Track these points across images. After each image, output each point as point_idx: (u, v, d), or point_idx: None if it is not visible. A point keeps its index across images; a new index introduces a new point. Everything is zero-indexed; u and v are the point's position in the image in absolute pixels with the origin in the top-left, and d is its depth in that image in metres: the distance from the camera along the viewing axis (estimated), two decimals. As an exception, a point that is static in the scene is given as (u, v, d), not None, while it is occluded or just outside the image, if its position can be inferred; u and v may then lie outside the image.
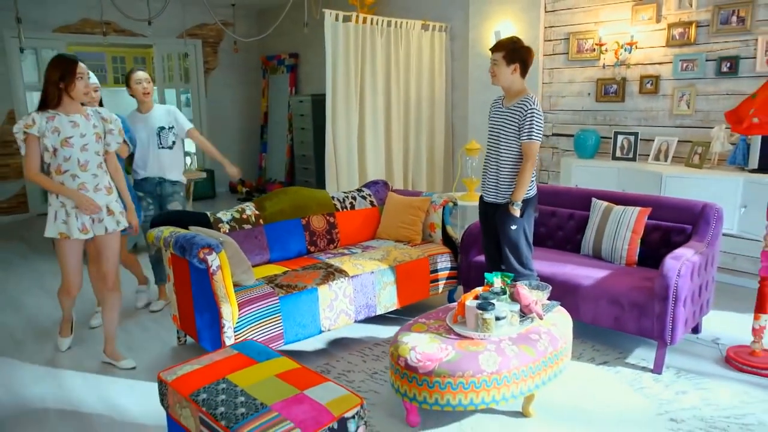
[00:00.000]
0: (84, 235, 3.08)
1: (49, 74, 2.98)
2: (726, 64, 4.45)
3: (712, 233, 3.48)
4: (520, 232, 3.29)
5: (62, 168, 3.01)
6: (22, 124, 2.94)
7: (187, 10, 8.38)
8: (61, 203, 3.03)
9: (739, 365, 3.20)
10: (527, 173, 3.22)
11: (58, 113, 3.00)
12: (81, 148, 3.03)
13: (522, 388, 2.58)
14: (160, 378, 2.29)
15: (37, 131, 2.94)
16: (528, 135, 3.19)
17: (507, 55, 3.20)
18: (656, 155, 4.84)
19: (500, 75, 3.24)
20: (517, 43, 3.23)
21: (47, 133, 2.96)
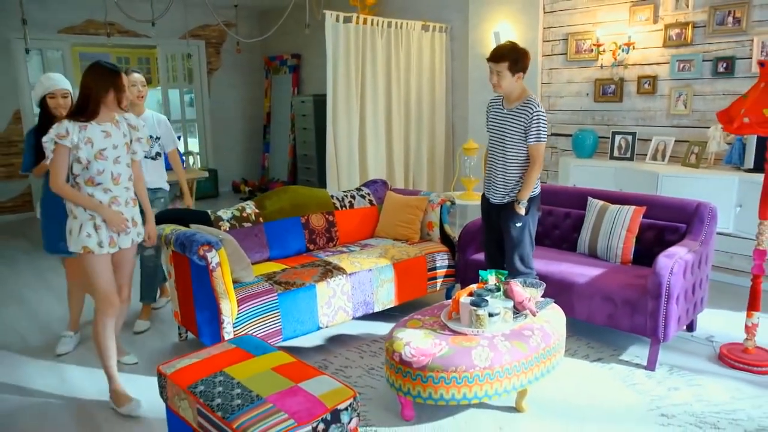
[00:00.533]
0: (112, 248, 2.84)
1: (98, 87, 2.76)
2: (722, 65, 4.48)
3: (706, 232, 3.52)
4: (524, 231, 3.33)
5: (95, 180, 2.79)
6: (54, 134, 2.70)
7: (189, 11, 8.45)
8: (90, 215, 2.80)
9: (731, 362, 3.24)
10: (535, 174, 3.26)
11: (90, 122, 2.79)
12: (114, 160, 2.82)
13: (515, 383, 2.62)
14: (159, 371, 2.35)
15: (69, 142, 2.71)
16: (536, 138, 3.21)
17: (511, 65, 3.17)
18: (654, 155, 4.88)
19: (505, 85, 3.22)
20: (519, 51, 3.20)
21: (81, 144, 2.73)
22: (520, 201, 3.27)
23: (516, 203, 3.28)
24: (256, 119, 9.81)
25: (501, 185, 3.36)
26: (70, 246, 2.84)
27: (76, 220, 2.81)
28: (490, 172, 3.43)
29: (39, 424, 2.80)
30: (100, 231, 2.80)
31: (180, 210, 3.77)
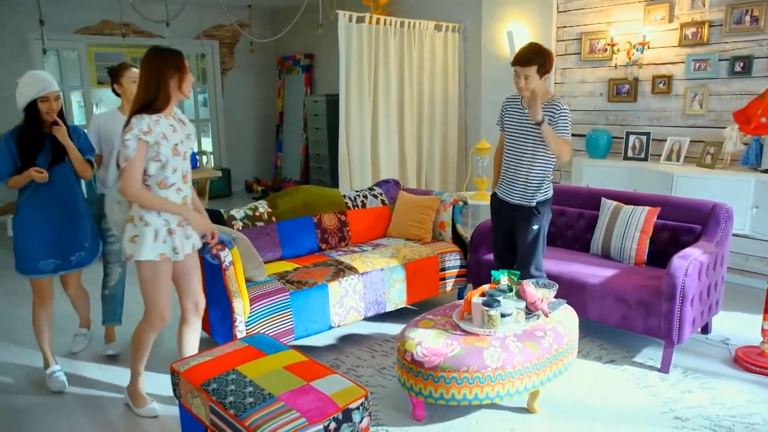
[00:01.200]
0: (176, 256, 2.63)
1: (163, 70, 2.51)
2: (739, 64, 4.43)
3: (722, 233, 3.48)
4: (539, 234, 3.28)
5: (168, 181, 2.56)
6: (137, 130, 2.44)
7: (203, 12, 8.51)
8: (164, 221, 2.57)
9: (747, 365, 3.20)
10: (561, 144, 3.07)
11: (161, 116, 2.55)
12: (183, 157, 2.63)
13: (526, 384, 2.61)
14: (172, 369, 2.37)
15: (152, 139, 2.47)
16: (564, 132, 3.12)
17: (540, 68, 3.09)
18: (668, 155, 4.83)
19: (533, 88, 3.09)
20: (545, 53, 3.11)
21: (160, 140, 2.50)
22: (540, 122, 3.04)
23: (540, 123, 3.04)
24: (269, 119, 9.86)
25: (522, 186, 3.26)
26: (140, 255, 2.54)
27: (149, 226, 2.54)
28: (509, 172, 3.33)
29: (54, 421, 2.84)
30: (174, 236, 2.60)
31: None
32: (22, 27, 7.27)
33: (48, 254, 3.07)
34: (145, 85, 2.52)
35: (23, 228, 3.04)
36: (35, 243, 3.04)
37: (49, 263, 3.09)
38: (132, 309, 3.78)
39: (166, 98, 2.53)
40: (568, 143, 3.14)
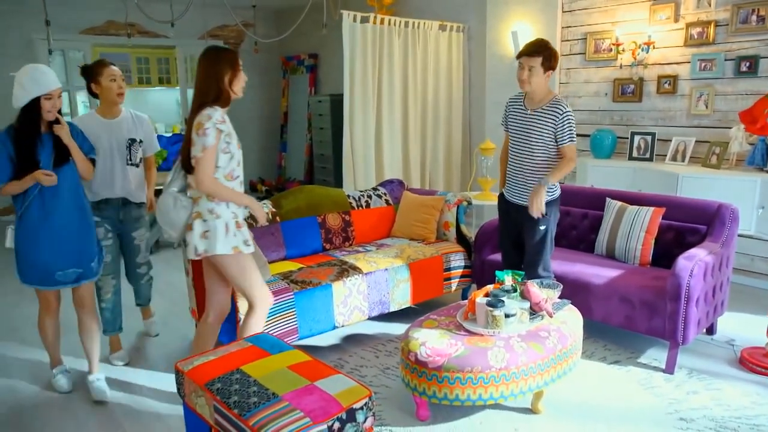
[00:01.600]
0: (248, 248, 2.68)
1: (219, 68, 2.57)
2: (745, 64, 4.41)
3: (728, 234, 3.47)
4: (547, 234, 3.27)
5: (234, 174, 2.63)
6: (214, 119, 2.50)
7: (208, 12, 8.53)
8: (233, 213, 2.63)
9: (752, 366, 3.18)
10: (569, 167, 3.12)
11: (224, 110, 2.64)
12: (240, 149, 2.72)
13: (530, 385, 2.61)
14: (177, 368, 2.37)
15: (227, 128, 2.55)
16: (569, 139, 3.12)
17: (545, 62, 3.08)
18: (673, 155, 4.82)
19: (535, 81, 3.10)
20: (551, 48, 3.11)
21: (231, 132, 2.59)
22: (545, 183, 3.10)
23: (541, 185, 3.10)
24: (273, 119, 9.87)
25: (528, 187, 3.24)
26: (214, 249, 2.57)
27: (220, 219, 2.58)
28: (515, 173, 3.31)
29: (60, 420, 2.85)
30: (242, 229, 2.66)
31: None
32: (28, 27, 7.31)
33: (67, 263, 2.86)
34: (204, 82, 2.57)
35: (32, 237, 2.79)
36: (49, 252, 2.81)
37: (69, 273, 2.87)
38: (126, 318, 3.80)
39: (226, 95, 2.61)
40: (571, 155, 3.13)
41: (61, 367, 3.17)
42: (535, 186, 3.15)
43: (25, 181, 2.72)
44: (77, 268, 2.90)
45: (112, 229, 3.38)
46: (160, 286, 4.77)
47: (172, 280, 4.89)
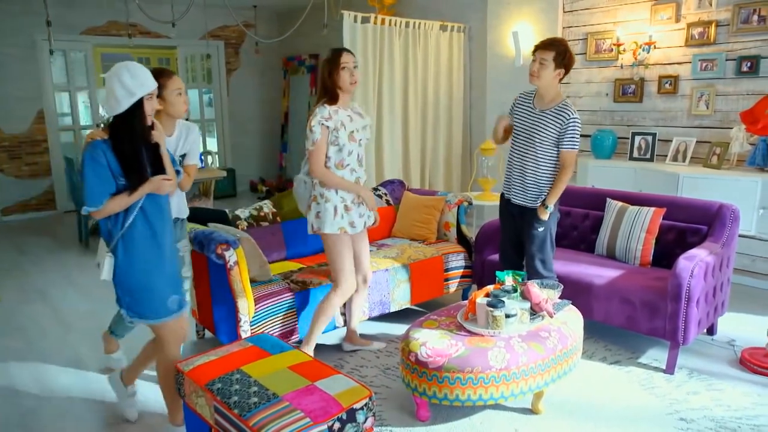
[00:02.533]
0: (354, 229, 3.07)
1: (322, 70, 2.98)
2: (746, 64, 4.40)
3: (728, 234, 3.46)
4: (547, 234, 3.26)
5: (344, 162, 2.99)
6: (320, 116, 2.90)
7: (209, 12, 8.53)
8: (341, 198, 3.01)
9: (753, 367, 3.18)
10: (565, 181, 3.15)
11: (339, 108, 2.99)
12: (359, 143, 3.05)
13: (531, 385, 2.61)
14: (177, 368, 2.38)
15: (332, 125, 2.92)
16: (570, 144, 3.11)
17: (557, 57, 3.06)
18: (674, 156, 4.81)
19: (544, 76, 3.09)
20: (567, 48, 3.10)
21: (339, 126, 2.94)
22: (547, 206, 3.17)
23: (542, 207, 3.18)
24: (274, 119, 9.87)
25: (532, 187, 3.23)
26: (323, 228, 2.99)
27: (329, 202, 2.99)
28: (516, 172, 3.29)
29: (60, 423, 2.85)
30: (350, 212, 3.03)
31: (198, 209, 3.81)
32: (31, 28, 7.31)
33: (171, 290, 2.48)
34: (320, 82, 3.01)
35: (143, 263, 2.39)
36: (158, 278, 2.44)
37: (175, 300, 2.49)
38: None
39: (333, 92, 2.96)
40: (569, 163, 3.14)
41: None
42: (539, 208, 3.19)
43: (139, 192, 2.32)
44: (178, 295, 2.52)
45: None
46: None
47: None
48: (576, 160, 3.17)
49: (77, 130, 8.17)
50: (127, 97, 2.27)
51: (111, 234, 2.36)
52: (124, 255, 2.36)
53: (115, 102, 2.27)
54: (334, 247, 3.07)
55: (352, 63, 2.96)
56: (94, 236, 6.28)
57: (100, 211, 2.29)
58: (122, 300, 2.42)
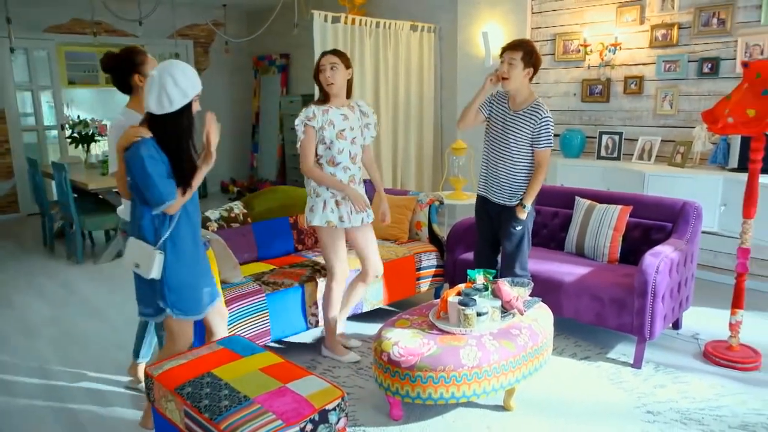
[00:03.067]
0: (342, 224, 3.14)
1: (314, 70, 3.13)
2: (707, 65, 4.53)
3: (692, 231, 3.55)
4: (523, 233, 3.30)
5: (335, 160, 3.09)
6: (303, 116, 3.04)
7: (177, 11, 8.40)
8: (331, 194, 3.12)
9: (716, 359, 3.27)
10: (541, 179, 3.20)
11: (331, 107, 3.11)
12: (351, 141, 3.13)
13: (502, 382, 2.63)
14: (146, 372, 2.33)
15: (316, 124, 3.03)
16: (545, 143, 3.16)
17: (525, 56, 3.11)
18: (640, 154, 4.92)
19: (514, 77, 3.12)
20: (534, 47, 3.16)
21: (325, 125, 3.05)
22: (525, 205, 3.21)
23: (520, 206, 3.22)
24: (245, 119, 9.78)
25: (508, 186, 3.26)
26: (312, 221, 3.11)
27: (320, 197, 3.13)
28: (492, 172, 3.32)
29: (24, 426, 2.78)
30: (340, 207, 3.13)
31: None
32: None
33: (204, 282, 2.54)
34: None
35: (188, 259, 2.43)
36: (199, 273, 2.51)
37: (206, 293, 2.53)
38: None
39: (322, 92, 3.13)
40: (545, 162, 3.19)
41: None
42: (517, 208, 3.23)
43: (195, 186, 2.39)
44: (210, 287, 2.58)
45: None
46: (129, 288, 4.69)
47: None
48: (550, 159, 3.21)
49: (41, 130, 7.97)
50: (180, 97, 2.31)
51: (158, 233, 2.36)
52: (172, 253, 2.37)
53: (168, 102, 2.30)
54: (322, 239, 3.20)
55: (328, 65, 3.07)
56: (59, 240, 6.13)
57: (175, 205, 2.33)
58: (167, 298, 2.39)
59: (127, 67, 2.76)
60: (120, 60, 2.76)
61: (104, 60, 2.78)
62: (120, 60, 2.76)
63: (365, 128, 3.26)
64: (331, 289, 3.29)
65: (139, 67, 2.76)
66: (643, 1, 4.85)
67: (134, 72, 2.76)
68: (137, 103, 2.75)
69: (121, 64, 2.76)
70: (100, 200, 5.84)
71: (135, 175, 2.30)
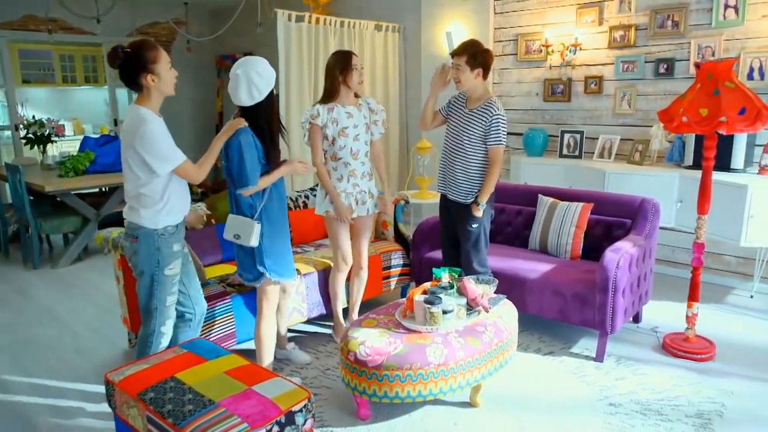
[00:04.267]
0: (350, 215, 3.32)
1: (330, 67, 3.23)
2: (663, 66, 4.66)
3: (650, 227, 3.66)
4: (480, 231, 3.34)
5: (337, 155, 3.27)
6: (308, 115, 3.22)
7: (137, 9, 8.22)
8: (333, 186, 3.29)
9: (674, 351, 3.38)
10: (494, 177, 3.24)
11: (337, 105, 3.25)
12: (354, 138, 3.27)
13: (468, 379, 2.66)
14: (107, 379, 2.28)
15: (321, 122, 3.19)
16: (495, 141, 3.20)
17: (470, 60, 3.18)
18: (601, 153, 5.03)
19: (464, 80, 3.21)
20: (477, 46, 3.22)
21: (329, 123, 3.21)
22: (479, 203, 3.25)
23: (474, 204, 3.26)
24: (208, 119, 9.62)
25: (464, 184, 3.31)
26: (317, 210, 3.38)
27: (321, 189, 3.35)
28: (448, 169, 3.37)
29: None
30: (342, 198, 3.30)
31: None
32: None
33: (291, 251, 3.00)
34: (328, 80, 3.25)
35: (280, 229, 2.86)
36: (288, 242, 2.96)
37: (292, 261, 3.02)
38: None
39: (333, 90, 3.24)
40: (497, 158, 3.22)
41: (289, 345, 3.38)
42: (472, 206, 3.27)
43: (279, 172, 2.79)
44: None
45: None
46: (90, 293, 4.58)
47: (102, 287, 4.69)
48: (503, 156, 3.26)
49: (-7, 131, 7.68)
50: (267, 87, 2.70)
51: (253, 207, 2.77)
52: (267, 224, 2.78)
53: (257, 92, 2.68)
54: (327, 225, 3.43)
55: (359, 65, 3.28)
56: (14, 244, 5.93)
57: (255, 189, 2.71)
58: (266, 263, 2.79)
59: (136, 66, 2.49)
60: (128, 58, 2.48)
61: (111, 56, 2.49)
62: (128, 58, 2.48)
63: (373, 124, 3.40)
64: (334, 278, 3.50)
65: (150, 66, 2.49)
66: (602, 3, 4.96)
67: (145, 72, 2.49)
68: (148, 100, 2.56)
69: (129, 63, 2.48)
70: (57, 203, 5.67)
71: (231, 158, 2.67)
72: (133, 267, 2.66)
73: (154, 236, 2.55)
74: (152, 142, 2.46)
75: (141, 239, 2.55)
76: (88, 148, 5.81)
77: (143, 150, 2.46)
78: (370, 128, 3.40)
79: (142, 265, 2.58)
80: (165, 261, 2.58)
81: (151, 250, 2.56)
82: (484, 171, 3.28)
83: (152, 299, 2.60)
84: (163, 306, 2.63)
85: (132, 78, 2.51)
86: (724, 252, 4.51)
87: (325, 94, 3.29)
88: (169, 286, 2.62)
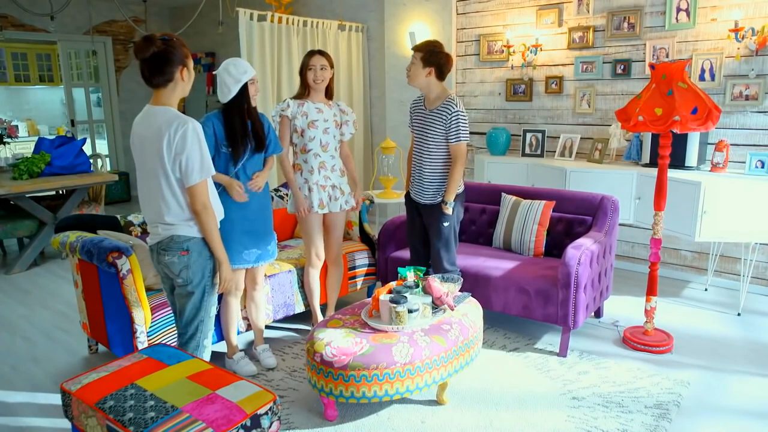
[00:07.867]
0: (321, 209, 3.40)
1: (301, 66, 3.40)
2: (620, 67, 4.78)
3: (610, 223, 3.74)
4: (450, 229, 3.36)
5: (307, 147, 3.38)
6: (278, 108, 3.37)
7: (94, 6, 8.01)
8: (304, 180, 3.40)
9: (633, 344, 3.46)
10: (458, 174, 3.26)
11: (307, 101, 3.39)
12: (323, 131, 3.39)
13: (435, 377, 2.68)
14: (63, 388, 2.21)
15: (290, 114, 3.34)
16: (456, 138, 3.23)
17: (424, 57, 3.22)
18: (562, 151, 5.13)
19: (414, 75, 3.27)
20: (436, 47, 3.25)
21: (298, 116, 3.35)
22: (446, 202, 3.28)
23: (443, 204, 3.29)
24: (170, 119, 9.44)
25: (428, 184, 3.34)
26: (289, 208, 3.48)
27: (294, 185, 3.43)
28: (417, 171, 3.40)
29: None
30: (312, 194, 3.39)
31: (87, 215, 3.57)
32: None
33: (251, 244, 3.07)
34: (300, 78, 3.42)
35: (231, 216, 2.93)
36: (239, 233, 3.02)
37: (252, 253, 3.09)
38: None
39: (303, 88, 3.42)
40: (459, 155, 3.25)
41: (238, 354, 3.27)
42: (441, 205, 3.30)
43: (221, 178, 2.91)
44: (257, 249, 3.11)
45: None
46: (46, 299, 4.44)
47: (59, 293, 4.55)
48: (466, 154, 3.30)
49: (-59, 132, 7.36)
50: (235, 84, 2.88)
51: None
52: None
53: (227, 89, 2.89)
54: (299, 223, 3.56)
55: (318, 65, 3.34)
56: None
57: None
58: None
59: (174, 57, 2.32)
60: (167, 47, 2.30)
61: (145, 42, 2.29)
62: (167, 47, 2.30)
63: (345, 125, 3.51)
64: (307, 275, 3.57)
65: (186, 60, 2.37)
66: (561, 5, 5.05)
67: (182, 65, 2.36)
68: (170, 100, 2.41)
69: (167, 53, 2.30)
70: (11, 206, 5.48)
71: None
72: (184, 282, 2.46)
73: (204, 246, 2.46)
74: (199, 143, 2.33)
75: (193, 251, 2.42)
76: (43, 149, 5.62)
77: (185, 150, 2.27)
78: (341, 127, 3.49)
79: (195, 278, 2.45)
80: (213, 269, 2.52)
81: (203, 260, 2.46)
82: (448, 170, 3.31)
83: (199, 313, 2.52)
84: (209, 318, 2.56)
85: (165, 69, 2.31)
86: (680, 247, 4.65)
87: (298, 91, 3.46)
88: (214, 296, 2.57)
